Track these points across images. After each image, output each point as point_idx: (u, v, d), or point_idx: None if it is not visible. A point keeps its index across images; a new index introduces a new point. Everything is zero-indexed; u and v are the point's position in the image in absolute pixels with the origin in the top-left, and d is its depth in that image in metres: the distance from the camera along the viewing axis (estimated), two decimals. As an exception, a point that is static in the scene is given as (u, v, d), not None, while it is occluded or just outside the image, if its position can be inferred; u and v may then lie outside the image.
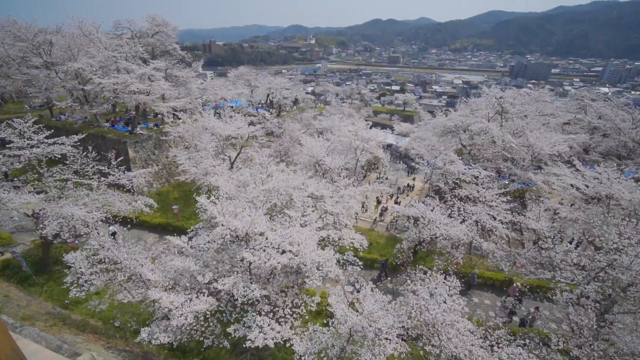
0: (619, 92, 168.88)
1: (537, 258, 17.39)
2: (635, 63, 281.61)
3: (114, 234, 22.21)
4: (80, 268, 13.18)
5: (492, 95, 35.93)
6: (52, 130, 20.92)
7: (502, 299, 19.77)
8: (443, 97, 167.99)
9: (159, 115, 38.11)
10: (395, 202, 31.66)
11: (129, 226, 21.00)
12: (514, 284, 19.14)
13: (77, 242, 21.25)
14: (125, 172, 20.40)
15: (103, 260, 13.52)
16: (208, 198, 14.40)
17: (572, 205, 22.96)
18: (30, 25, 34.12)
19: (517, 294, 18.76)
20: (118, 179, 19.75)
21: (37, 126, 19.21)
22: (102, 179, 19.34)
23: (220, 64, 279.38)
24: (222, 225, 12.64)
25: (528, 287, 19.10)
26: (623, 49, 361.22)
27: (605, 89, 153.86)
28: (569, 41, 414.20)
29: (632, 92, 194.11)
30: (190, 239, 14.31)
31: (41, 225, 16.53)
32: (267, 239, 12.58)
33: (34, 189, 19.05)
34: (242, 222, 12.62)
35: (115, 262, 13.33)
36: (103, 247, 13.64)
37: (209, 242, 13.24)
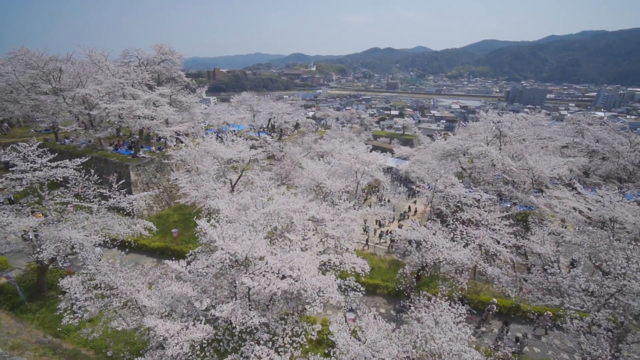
0: (614, 116, 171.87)
1: (544, 283, 16.92)
2: (628, 88, 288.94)
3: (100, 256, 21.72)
4: (75, 293, 12.85)
5: (490, 120, 36.55)
6: (56, 154, 21.18)
7: (532, 328, 18.96)
8: (441, 121, 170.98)
9: (162, 139, 38.69)
10: (399, 226, 31.35)
11: (127, 250, 20.69)
12: (545, 313, 18.53)
13: (73, 266, 20.87)
14: (126, 195, 20.39)
15: (99, 286, 13.21)
16: (208, 221, 14.28)
17: (577, 228, 22.65)
18: (42, 54, 35.50)
19: (549, 325, 18.14)
20: (118, 202, 19.71)
21: (41, 150, 19.46)
22: (103, 202, 19.31)
23: (224, 90, 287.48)
24: (222, 249, 12.44)
25: (536, 314, 18.46)
26: (614, 75, 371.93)
27: (601, 113, 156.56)
28: (561, 68, 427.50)
29: (628, 116, 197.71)
30: (188, 263, 14.04)
31: (38, 249, 16.30)
32: (267, 263, 12.34)
33: (34, 212, 18.99)
34: (242, 246, 12.44)
35: (111, 288, 13.01)
36: (99, 272, 13.37)
37: (207, 266, 12.98)
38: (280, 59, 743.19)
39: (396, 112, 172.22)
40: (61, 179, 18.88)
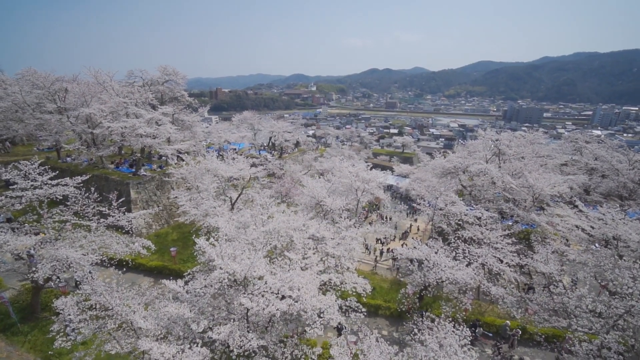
0: (611, 135, 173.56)
1: (550, 304, 16.52)
2: (623, 107, 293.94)
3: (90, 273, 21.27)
4: (69, 315, 12.52)
5: (488, 138, 36.91)
6: (57, 172, 21.23)
7: (556, 356, 18.14)
8: (440, 139, 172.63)
9: (163, 157, 38.95)
10: (402, 245, 31.02)
11: (124, 269, 20.39)
12: (567, 337, 17.92)
13: (68, 286, 20.47)
14: (126, 213, 20.30)
15: (94, 306, 12.89)
16: (207, 240, 14.13)
17: (581, 247, 22.37)
18: (49, 75, 36.38)
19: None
20: (117, 220, 19.58)
21: (42, 168, 19.54)
22: (102, 220, 19.19)
23: (226, 109, 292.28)
24: (220, 268, 12.24)
25: (544, 336, 17.90)
26: (609, 95, 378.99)
27: (598, 132, 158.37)
28: (557, 88, 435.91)
29: (624, 135, 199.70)
30: (186, 283, 13.77)
31: (33, 269, 16.04)
32: (266, 283, 12.10)
33: (37, 233, 18.81)
34: (241, 265, 12.24)
35: (106, 309, 12.69)
36: (95, 292, 13.08)
37: (205, 286, 12.73)
38: (281, 79, 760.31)
39: (395, 131, 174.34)
40: (61, 197, 18.85)
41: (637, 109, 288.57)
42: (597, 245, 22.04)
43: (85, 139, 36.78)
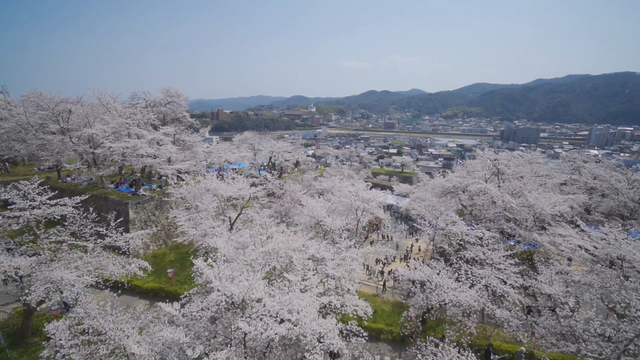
0: (608, 154, 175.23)
1: (557, 327, 16.01)
2: (618, 128, 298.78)
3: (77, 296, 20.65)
4: (60, 340, 12.09)
5: (487, 157, 37.20)
6: (57, 192, 21.19)
7: None
8: (439, 159, 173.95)
9: (163, 177, 39.04)
10: (407, 266, 30.51)
11: (119, 291, 19.85)
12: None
13: (61, 309, 19.91)
14: (123, 233, 20.07)
15: (86, 331, 12.48)
16: (205, 261, 13.90)
17: (585, 268, 21.99)
18: (54, 96, 37.12)
19: None
20: (115, 241, 19.32)
21: (42, 188, 19.51)
22: (99, 240, 18.95)
23: (227, 130, 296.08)
24: (218, 290, 11.96)
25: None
26: (603, 115, 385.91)
27: (595, 151, 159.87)
28: (552, 108, 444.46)
29: (621, 154, 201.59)
30: (182, 305, 13.41)
31: (26, 291, 15.65)
32: (264, 306, 11.79)
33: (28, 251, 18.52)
34: (239, 287, 11.97)
35: (99, 333, 12.28)
36: (89, 316, 12.71)
37: (202, 309, 12.39)
38: (281, 101, 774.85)
39: (394, 151, 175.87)
40: (59, 217, 18.71)
41: (632, 129, 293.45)
42: (601, 264, 21.69)
43: (87, 159, 37.00)
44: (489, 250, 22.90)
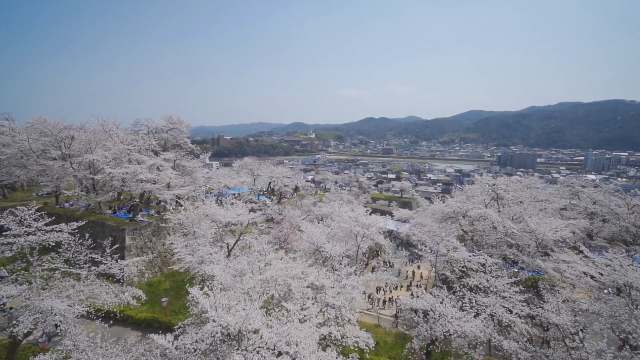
0: (606, 179, 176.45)
1: (567, 359, 15.30)
2: (613, 153, 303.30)
3: (56, 325, 19.75)
4: (45, 376, 11.45)
5: (485, 182, 37.35)
6: (54, 218, 20.97)
7: None
8: (438, 184, 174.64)
9: (161, 203, 38.87)
10: (411, 295, 29.66)
11: (110, 322, 19.10)
12: None
13: (49, 342, 19.01)
14: (118, 260, 19.64)
15: (73, 366, 11.85)
16: (201, 289, 13.50)
17: (593, 295, 21.39)
18: (58, 123, 37.78)
19: None
20: (109, 268, 18.87)
21: (39, 213, 19.31)
22: (93, 267, 18.50)
23: (227, 155, 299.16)
24: (214, 321, 11.52)
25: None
26: (597, 141, 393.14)
27: (592, 176, 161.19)
28: (547, 134, 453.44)
29: (619, 179, 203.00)
30: (176, 337, 12.85)
31: (14, 322, 15.02)
32: (261, 337, 11.31)
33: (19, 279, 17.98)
34: (236, 317, 11.54)
35: (86, 368, 11.66)
36: (77, 349, 12.12)
37: (196, 341, 11.85)
38: (281, 127, 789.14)
39: (393, 176, 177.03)
40: (54, 244, 18.38)
41: (626, 154, 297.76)
42: (609, 290, 21.11)
43: (86, 185, 37.01)
44: (493, 277, 22.37)
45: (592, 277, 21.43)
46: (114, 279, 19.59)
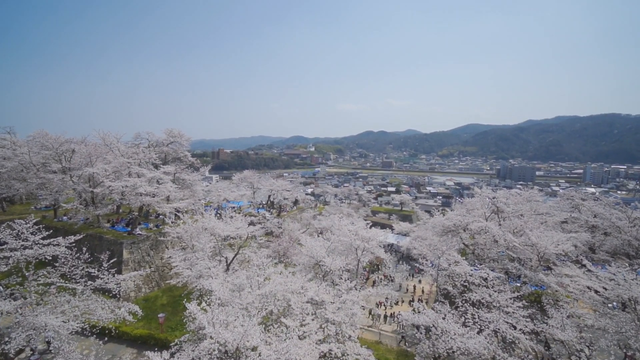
0: (605, 192, 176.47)
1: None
2: (612, 166, 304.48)
3: (48, 342, 19.25)
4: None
5: (485, 195, 37.30)
6: (51, 231, 20.81)
7: None
8: (438, 197, 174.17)
9: (160, 216, 38.66)
10: (413, 311, 29.11)
11: (105, 339, 18.64)
12: None
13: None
14: (115, 275, 19.38)
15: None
16: (199, 304, 13.25)
17: (598, 311, 20.99)
18: (59, 137, 37.97)
19: None
20: (106, 283, 18.59)
21: (37, 227, 19.15)
22: (89, 282, 18.22)
23: (227, 169, 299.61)
24: (211, 337, 11.26)
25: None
26: (595, 154, 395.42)
27: (592, 189, 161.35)
28: (545, 148, 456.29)
29: (618, 192, 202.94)
30: (172, 355, 12.53)
31: (6, 339, 14.65)
32: (260, 355, 11.02)
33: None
34: (234, 333, 11.28)
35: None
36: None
37: (193, 359, 11.53)
38: (281, 141, 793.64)
39: (393, 189, 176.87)
40: (50, 258, 18.15)
41: (625, 167, 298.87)
42: (614, 304, 20.74)
43: (85, 198, 36.89)
44: (495, 292, 22.05)
45: (596, 291, 21.11)
46: (110, 294, 19.24)
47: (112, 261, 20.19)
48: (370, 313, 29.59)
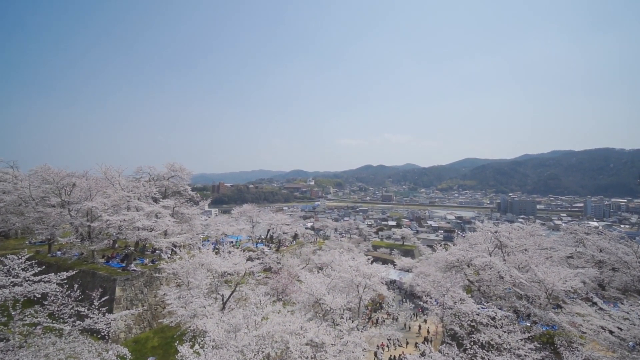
0: (608, 226, 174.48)
1: None
2: (612, 199, 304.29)
3: None
4: None
5: (488, 230, 36.85)
6: (44, 267, 20.22)
7: None
8: (439, 231, 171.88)
9: (157, 251, 37.81)
10: (422, 354, 27.41)
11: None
12: None
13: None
14: (106, 314, 18.48)
15: None
16: (192, 347, 12.50)
17: (617, 355, 19.78)
18: (61, 171, 38.30)
19: None
20: (95, 323, 17.66)
21: (29, 262, 18.61)
22: (78, 322, 17.31)
23: (226, 202, 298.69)
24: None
25: None
26: (594, 188, 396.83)
27: (595, 223, 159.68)
28: (543, 182, 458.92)
29: (622, 226, 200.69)
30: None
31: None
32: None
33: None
34: (228, 380, 10.51)
35: None
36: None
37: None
38: (281, 175, 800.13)
39: (393, 223, 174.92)
40: (39, 296, 17.44)
41: (625, 201, 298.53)
42: (632, 344, 19.57)
43: (82, 232, 36.34)
44: (505, 332, 20.96)
45: (610, 331, 20.05)
46: (99, 335, 18.24)
47: (103, 299, 19.36)
48: (375, 356, 27.89)
